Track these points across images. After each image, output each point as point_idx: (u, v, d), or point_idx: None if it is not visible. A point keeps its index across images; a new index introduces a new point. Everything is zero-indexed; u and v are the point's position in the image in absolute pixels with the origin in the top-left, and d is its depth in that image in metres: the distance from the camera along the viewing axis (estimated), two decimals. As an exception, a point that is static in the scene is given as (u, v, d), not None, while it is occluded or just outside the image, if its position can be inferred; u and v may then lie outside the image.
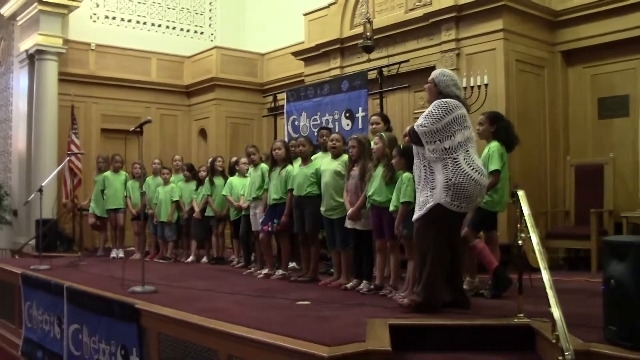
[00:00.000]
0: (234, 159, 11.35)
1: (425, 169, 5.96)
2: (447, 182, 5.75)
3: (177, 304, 6.58)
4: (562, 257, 10.32)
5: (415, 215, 6.03)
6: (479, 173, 5.85)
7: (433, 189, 5.84)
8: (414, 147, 6.18)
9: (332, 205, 7.99)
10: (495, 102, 9.82)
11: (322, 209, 8.12)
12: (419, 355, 5.07)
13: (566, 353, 4.00)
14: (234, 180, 10.77)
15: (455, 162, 5.79)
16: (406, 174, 6.60)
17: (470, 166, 5.82)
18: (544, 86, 10.80)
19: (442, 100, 5.99)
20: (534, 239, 4.95)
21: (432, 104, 6.02)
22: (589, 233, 9.16)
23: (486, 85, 9.82)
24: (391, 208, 6.89)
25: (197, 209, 11.36)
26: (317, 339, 4.66)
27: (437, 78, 6.20)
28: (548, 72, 10.85)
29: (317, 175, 8.33)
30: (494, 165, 6.94)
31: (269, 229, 8.95)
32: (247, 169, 10.48)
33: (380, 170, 7.11)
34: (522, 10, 10.42)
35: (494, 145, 7.09)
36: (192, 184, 11.64)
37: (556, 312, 4.29)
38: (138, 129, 7.93)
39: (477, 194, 5.88)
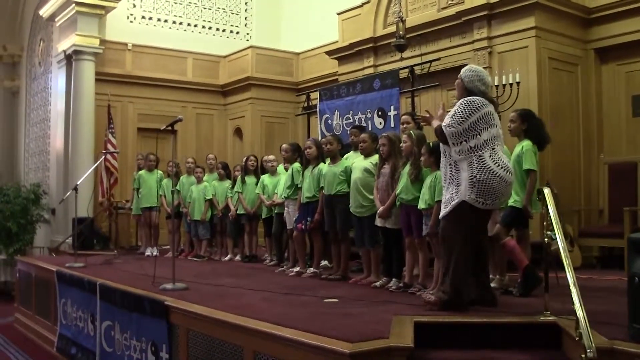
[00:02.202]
0: (268, 157, 11.39)
1: (451, 167, 5.95)
2: (472, 179, 5.74)
3: (205, 300, 6.63)
4: (595, 255, 10.22)
5: (441, 213, 6.03)
6: (504, 170, 5.82)
7: (458, 186, 5.83)
8: (441, 145, 6.17)
9: (361, 203, 7.99)
10: (528, 100, 9.78)
11: (351, 206, 8.12)
12: (443, 353, 5.07)
13: (588, 350, 3.98)
14: (265, 179, 10.85)
15: (481, 159, 5.77)
16: (439, 172, 6.56)
17: (496, 163, 5.79)
18: (577, 84, 10.73)
19: (468, 98, 5.97)
20: (558, 237, 4.93)
21: (457, 103, 6.01)
22: (623, 231, 9.06)
23: (518, 83, 9.78)
24: (421, 205, 6.90)
25: (233, 208, 11.42)
26: (340, 335, 4.67)
27: (464, 73, 6.21)
28: (581, 70, 10.77)
29: (347, 173, 8.36)
30: (529, 165, 6.90)
31: (303, 226, 9.00)
32: (276, 168, 10.76)
33: (407, 168, 7.13)
34: (555, 8, 10.35)
35: (527, 144, 7.04)
36: (226, 183, 11.70)
37: (579, 309, 4.27)
38: (169, 128, 7.98)
39: (502, 190, 5.85)
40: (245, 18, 19.39)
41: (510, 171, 5.91)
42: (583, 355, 4.00)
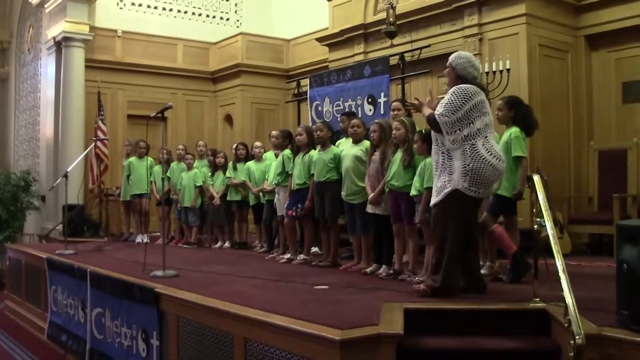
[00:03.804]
0: (255, 143, 11.37)
1: (443, 155, 5.92)
2: (465, 167, 5.72)
3: (196, 288, 6.64)
4: (585, 242, 10.25)
5: (433, 201, 6.03)
6: (497, 158, 5.81)
7: (451, 174, 5.80)
8: (432, 133, 6.15)
9: (353, 190, 7.99)
10: (518, 87, 9.77)
11: (343, 193, 8.13)
12: (432, 339, 5.08)
13: (577, 337, 3.99)
14: (252, 165, 10.90)
15: (474, 147, 5.75)
16: (429, 159, 6.55)
17: (489, 151, 5.78)
18: (567, 71, 10.72)
19: (461, 86, 5.93)
20: (548, 224, 4.94)
21: (450, 92, 5.95)
22: (612, 218, 9.06)
23: (508, 70, 9.76)
24: (412, 192, 6.91)
25: (216, 196, 11.43)
26: (330, 322, 4.69)
27: (454, 61, 6.15)
28: (572, 57, 10.75)
29: (336, 160, 8.36)
30: (519, 152, 6.90)
31: (294, 213, 8.99)
32: (262, 154, 10.87)
33: (399, 155, 7.12)
34: (545, -5, 10.35)
35: (515, 130, 7.03)
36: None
37: (568, 296, 4.28)
38: (159, 115, 7.96)
39: (494, 179, 5.86)
40: (236, 5, 19.27)
41: (502, 159, 5.90)
42: (572, 342, 4.01)
